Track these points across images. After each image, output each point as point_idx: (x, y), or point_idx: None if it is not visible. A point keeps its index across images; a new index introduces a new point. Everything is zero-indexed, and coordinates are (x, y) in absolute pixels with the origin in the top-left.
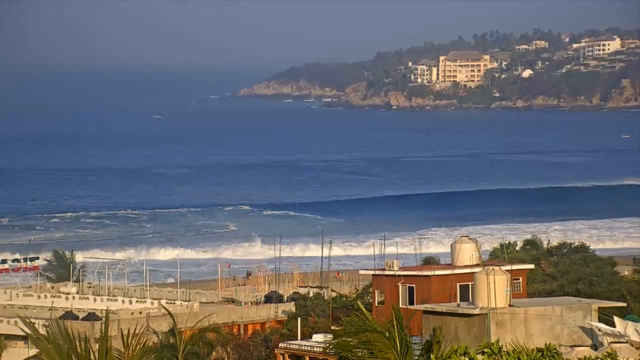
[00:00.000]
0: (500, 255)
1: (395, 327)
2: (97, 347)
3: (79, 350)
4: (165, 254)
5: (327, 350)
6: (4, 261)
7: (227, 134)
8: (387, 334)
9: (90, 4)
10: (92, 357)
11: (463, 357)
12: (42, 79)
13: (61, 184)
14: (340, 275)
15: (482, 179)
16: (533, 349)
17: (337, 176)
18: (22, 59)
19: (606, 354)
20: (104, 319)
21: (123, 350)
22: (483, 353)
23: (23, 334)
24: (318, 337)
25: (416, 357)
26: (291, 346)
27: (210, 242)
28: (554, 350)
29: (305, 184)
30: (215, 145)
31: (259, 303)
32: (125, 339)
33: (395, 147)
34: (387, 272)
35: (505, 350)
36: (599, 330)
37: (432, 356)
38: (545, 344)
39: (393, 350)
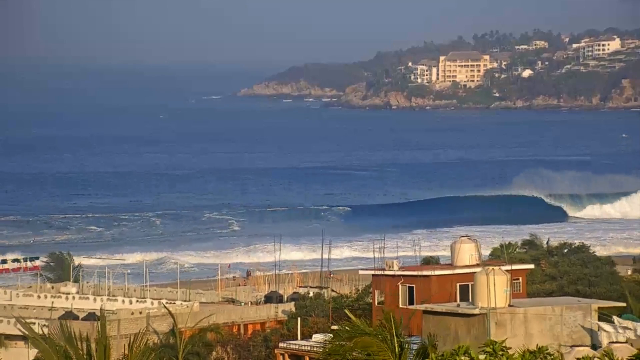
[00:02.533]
0: (500, 255)
1: (394, 329)
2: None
3: (80, 350)
4: (168, 254)
5: (323, 355)
6: (4, 261)
7: (227, 135)
8: (380, 337)
9: (90, 4)
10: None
11: (464, 357)
12: (42, 79)
13: (62, 185)
14: (332, 275)
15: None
16: (534, 350)
17: (336, 180)
18: (21, 60)
19: (604, 352)
20: (101, 318)
21: (125, 353)
22: (484, 352)
23: (22, 334)
24: (318, 337)
25: (411, 358)
26: (291, 346)
27: (211, 242)
28: (546, 351)
29: (306, 186)
30: (216, 146)
31: (259, 303)
32: (130, 341)
33: (394, 149)
34: (387, 272)
35: (508, 351)
36: (601, 329)
37: (432, 355)
38: (537, 346)
39: (389, 352)
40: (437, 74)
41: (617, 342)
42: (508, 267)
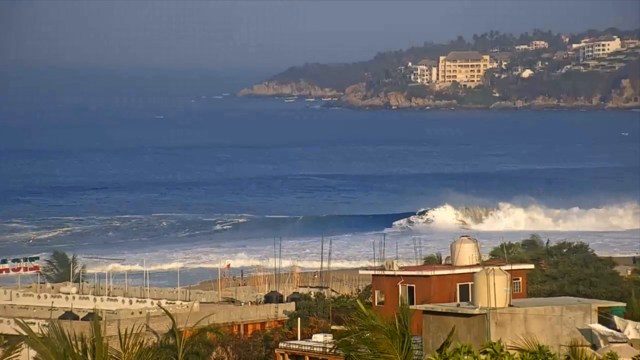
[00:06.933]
0: (500, 254)
1: (397, 327)
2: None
3: (76, 350)
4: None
5: (332, 350)
6: (4, 261)
7: (228, 136)
8: (390, 334)
9: (90, 4)
10: (89, 357)
11: (466, 356)
12: (43, 79)
13: (64, 186)
14: (315, 277)
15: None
16: (535, 351)
17: (338, 184)
18: (21, 62)
19: (607, 355)
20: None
21: (121, 352)
22: (485, 352)
23: (24, 334)
24: (318, 337)
25: (415, 358)
26: (291, 346)
27: (213, 242)
28: (547, 352)
29: (308, 191)
30: (217, 148)
31: (259, 303)
32: (122, 341)
33: (393, 154)
34: (387, 272)
35: (507, 350)
36: (597, 332)
37: (435, 353)
38: (539, 346)
39: (396, 350)
40: (437, 74)
41: (618, 343)
42: (508, 267)
